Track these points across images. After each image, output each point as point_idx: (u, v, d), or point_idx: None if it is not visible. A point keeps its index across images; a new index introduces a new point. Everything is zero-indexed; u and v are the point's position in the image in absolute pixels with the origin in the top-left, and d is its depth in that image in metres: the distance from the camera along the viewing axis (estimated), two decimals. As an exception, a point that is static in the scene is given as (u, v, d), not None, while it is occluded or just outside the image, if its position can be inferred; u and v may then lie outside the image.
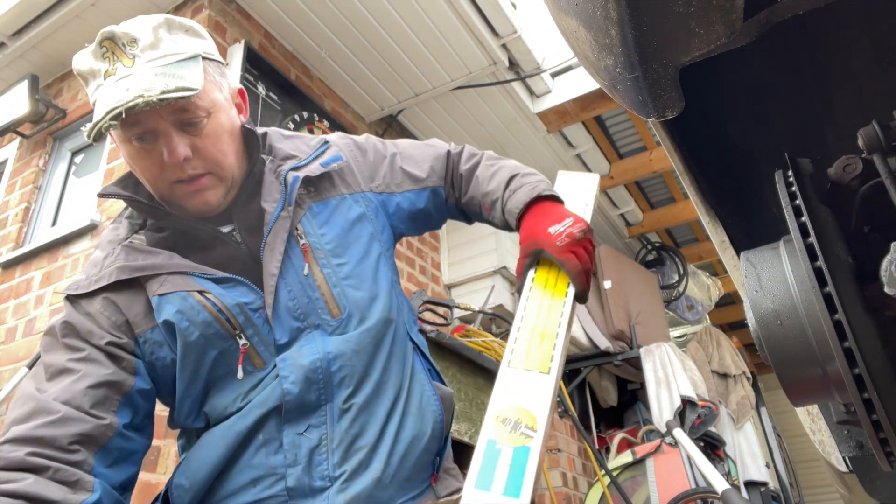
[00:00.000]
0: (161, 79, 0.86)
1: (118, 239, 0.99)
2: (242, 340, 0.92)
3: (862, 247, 0.67)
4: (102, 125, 0.84)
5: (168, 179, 0.92)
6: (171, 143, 0.89)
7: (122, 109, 0.83)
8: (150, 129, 0.89)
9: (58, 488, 0.80)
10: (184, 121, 0.90)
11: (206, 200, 0.94)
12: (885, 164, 0.63)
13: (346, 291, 0.98)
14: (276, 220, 0.96)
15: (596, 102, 3.87)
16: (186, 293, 0.92)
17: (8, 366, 2.70)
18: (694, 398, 3.82)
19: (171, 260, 0.94)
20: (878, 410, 0.58)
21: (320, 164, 1.04)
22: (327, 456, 0.91)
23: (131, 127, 0.88)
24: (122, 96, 0.84)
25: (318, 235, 0.99)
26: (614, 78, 0.66)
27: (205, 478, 0.92)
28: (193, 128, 0.91)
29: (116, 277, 0.93)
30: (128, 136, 0.90)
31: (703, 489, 3.14)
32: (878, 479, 0.91)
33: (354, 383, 0.94)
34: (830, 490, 6.75)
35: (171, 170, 0.91)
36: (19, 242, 3.10)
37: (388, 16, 3.17)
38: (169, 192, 0.94)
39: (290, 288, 0.94)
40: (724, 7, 0.57)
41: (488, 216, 1.11)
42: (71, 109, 3.30)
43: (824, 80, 0.88)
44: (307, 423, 0.91)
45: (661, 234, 5.70)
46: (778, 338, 0.67)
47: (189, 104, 0.90)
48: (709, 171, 0.90)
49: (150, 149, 0.90)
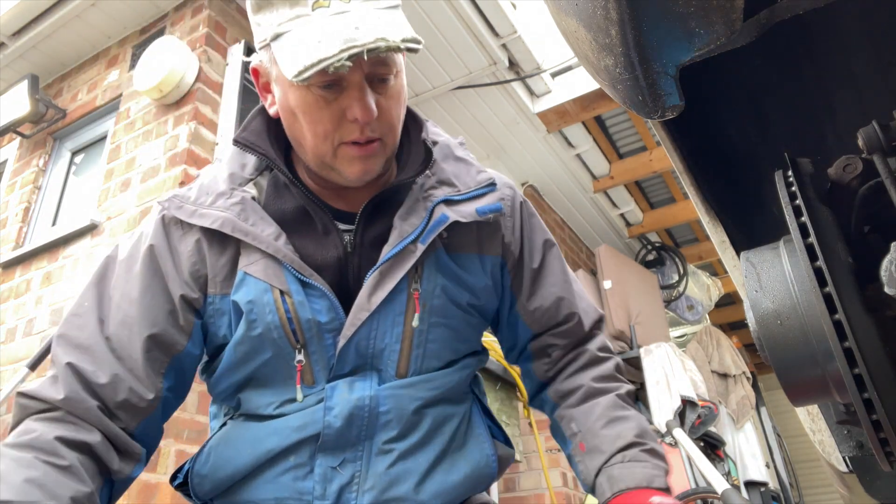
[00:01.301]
0: (387, 25, 0.77)
1: (242, 177, 0.90)
2: (300, 356, 0.85)
3: (862, 247, 0.67)
4: (334, 62, 0.73)
5: (340, 138, 0.82)
6: (364, 98, 0.79)
7: (364, 50, 0.73)
8: (343, 77, 0.79)
9: (116, 455, 0.80)
10: (378, 75, 0.81)
11: (370, 169, 0.85)
12: (885, 164, 0.63)
13: (424, 356, 0.89)
14: (401, 250, 0.85)
15: (596, 102, 3.87)
16: (268, 287, 0.84)
17: (8, 366, 2.70)
18: (694, 398, 3.82)
19: (276, 240, 0.85)
20: (878, 410, 0.58)
21: (476, 209, 0.91)
22: (357, 496, 0.85)
23: (328, 72, 0.76)
24: (354, 35, 0.74)
25: (433, 286, 0.88)
26: (614, 78, 0.66)
27: (226, 479, 0.89)
28: (383, 85, 0.82)
29: (220, 227, 0.84)
30: (314, 81, 0.78)
31: (703, 489, 3.14)
32: (878, 479, 0.91)
33: (400, 427, 0.87)
34: (830, 490, 6.75)
35: (350, 129, 0.81)
36: (19, 242, 3.10)
37: (388, 16, 3.17)
38: (333, 152, 0.83)
39: (374, 331, 0.86)
40: (724, 7, 0.57)
41: (570, 450, 0.96)
42: (71, 109, 3.30)
43: (824, 80, 0.88)
44: (342, 457, 0.86)
45: (661, 234, 5.69)
46: (778, 338, 0.67)
47: (389, 58, 0.81)
48: (709, 171, 0.90)
49: (333, 100, 0.80)
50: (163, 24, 3.09)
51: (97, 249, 2.70)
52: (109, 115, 3.17)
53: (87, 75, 3.34)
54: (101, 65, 3.30)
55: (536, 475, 3.74)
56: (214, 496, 0.92)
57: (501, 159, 4.38)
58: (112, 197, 2.80)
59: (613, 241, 5.43)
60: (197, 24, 2.92)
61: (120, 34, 3.25)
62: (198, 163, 2.61)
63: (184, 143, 2.62)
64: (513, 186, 1.02)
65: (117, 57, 3.24)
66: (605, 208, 5.08)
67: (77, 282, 2.69)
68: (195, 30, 2.91)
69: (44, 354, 2.16)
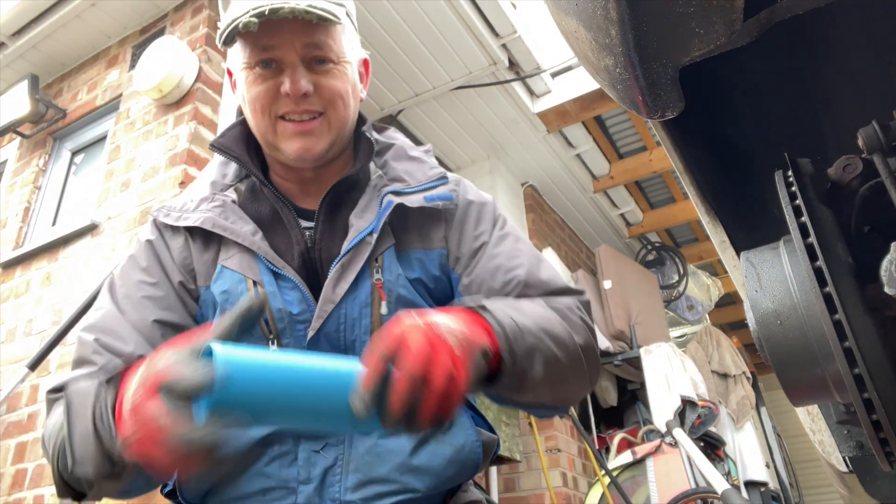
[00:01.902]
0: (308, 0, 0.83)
1: (223, 184, 0.98)
2: (274, 347, 0.88)
3: (862, 247, 0.67)
4: (241, 20, 0.81)
5: (277, 111, 0.88)
6: (295, 74, 0.86)
7: (267, 9, 0.80)
8: (278, 57, 0.86)
9: None
10: (314, 57, 0.88)
11: (310, 147, 0.89)
12: (885, 164, 0.63)
13: None
14: (357, 243, 0.89)
15: (596, 102, 3.87)
16: (243, 278, 0.89)
17: (8, 366, 2.70)
18: (694, 398, 3.82)
19: (252, 235, 0.90)
20: (878, 410, 0.58)
21: (424, 197, 0.94)
22: (341, 478, 0.86)
23: (261, 50, 0.86)
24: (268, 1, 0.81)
25: (396, 276, 0.91)
26: (614, 78, 0.66)
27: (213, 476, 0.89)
28: (321, 66, 0.88)
29: (201, 224, 0.91)
30: (251, 61, 0.87)
31: (703, 489, 3.14)
32: (878, 479, 0.91)
33: None
34: (830, 490, 6.75)
35: (284, 102, 0.87)
36: (19, 242, 3.10)
37: (388, 15, 3.17)
38: (273, 128, 0.89)
39: (342, 321, 0.88)
40: (724, 7, 0.57)
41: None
42: (71, 109, 3.30)
43: (824, 80, 0.88)
44: (324, 441, 0.87)
45: (661, 234, 5.70)
46: (778, 338, 0.67)
47: (323, 42, 0.87)
48: (709, 171, 0.90)
49: (270, 77, 0.87)
50: (163, 24, 3.09)
51: (97, 249, 2.70)
52: (109, 115, 3.17)
53: (87, 75, 3.34)
54: (101, 65, 3.30)
55: (536, 475, 3.74)
56: (204, 497, 0.91)
57: (501, 159, 4.38)
58: (112, 197, 2.80)
59: (613, 241, 5.44)
60: (197, 24, 2.92)
61: (120, 34, 3.25)
62: (198, 163, 2.61)
63: (184, 143, 2.62)
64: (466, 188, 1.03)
65: (117, 57, 3.24)
66: (605, 208, 5.08)
67: (77, 282, 2.69)
68: (195, 30, 2.91)
69: (44, 354, 2.17)
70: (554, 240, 4.80)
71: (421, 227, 0.96)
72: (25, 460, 2.40)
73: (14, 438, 2.49)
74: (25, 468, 2.38)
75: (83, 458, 0.70)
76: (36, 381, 2.54)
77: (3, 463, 2.47)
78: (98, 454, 0.70)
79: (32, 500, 2.28)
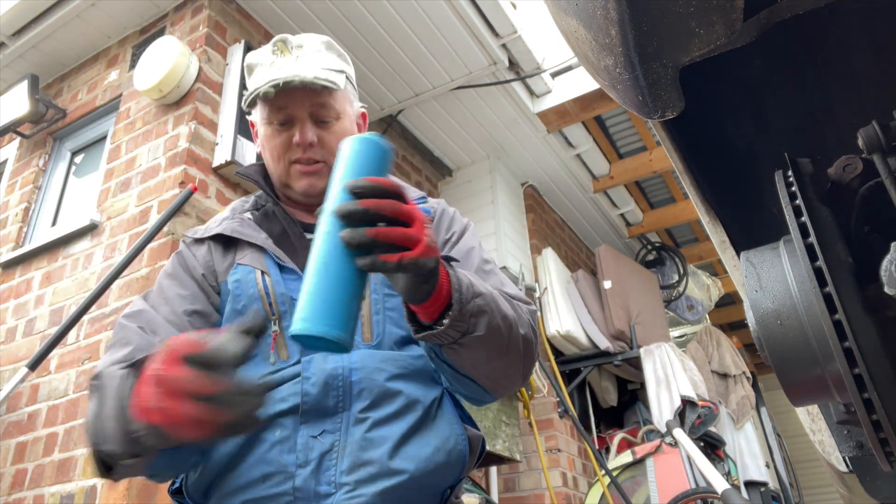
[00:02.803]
0: (314, 72, 1.06)
1: (241, 209, 1.17)
2: (275, 327, 1.00)
3: (862, 247, 0.67)
4: (262, 90, 1.04)
5: (290, 158, 1.10)
6: (304, 128, 1.08)
7: (281, 81, 1.03)
8: (290, 115, 1.08)
9: None
10: (319, 116, 1.09)
11: (314, 184, 1.10)
12: (885, 164, 0.63)
13: (385, 322, 1.02)
14: None
15: (596, 102, 3.87)
16: (252, 269, 1.04)
17: (8, 366, 2.70)
18: (694, 398, 3.82)
19: (264, 240, 1.08)
20: (878, 410, 0.58)
21: None
22: (336, 462, 0.92)
23: (278, 111, 1.08)
24: (283, 74, 1.04)
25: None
26: (614, 78, 0.66)
27: (218, 464, 0.94)
28: (324, 124, 1.10)
29: (222, 231, 1.09)
30: (271, 118, 1.09)
31: (703, 489, 3.14)
32: (878, 479, 0.91)
33: (373, 397, 0.96)
34: (830, 490, 6.76)
35: (295, 150, 1.09)
36: (19, 242, 3.10)
37: (388, 15, 3.17)
38: (286, 170, 1.11)
39: None
40: (724, 7, 0.57)
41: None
42: (71, 109, 3.30)
43: (824, 80, 0.88)
44: (322, 428, 0.94)
45: (661, 234, 5.70)
46: (778, 338, 0.67)
47: (327, 102, 1.08)
48: (709, 171, 0.90)
49: (285, 131, 1.09)
50: (163, 24, 3.09)
51: (97, 249, 2.70)
52: (109, 115, 3.17)
53: (87, 75, 3.34)
54: (101, 65, 3.30)
55: (536, 475, 3.74)
56: (208, 489, 0.95)
57: (501, 159, 4.38)
58: (112, 197, 2.80)
59: (613, 241, 5.44)
60: (197, 24, 2.92)
61: (120, 34, 3.25)
62: (198, 163, 2.61)
63: (184, 143, 2.62)
64: (444, 205, 1.20)
65: (117, 57, 3.24)
66: (605, 208, 5.08)
67: (77, 282, 2.69)
68: (195, 30, 2.91)
69: (44, 354, 2.17)
70: (554, 240, 4.80)
71: None
72: (25, 460, 2.40)
73: (14, 438, 2.49)
74: (25, 468, 2.38)
75: (109, 437, 0.79)
76: (36, 381, 2.54)
77: (3, 463, 2.47)
78: (120, 433, 0.77)
79: (32, 500, 2.28)
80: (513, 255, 4.09)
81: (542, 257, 4.36)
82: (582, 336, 4.14)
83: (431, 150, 4.27)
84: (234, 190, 2.72)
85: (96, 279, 2.58)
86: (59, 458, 2.30)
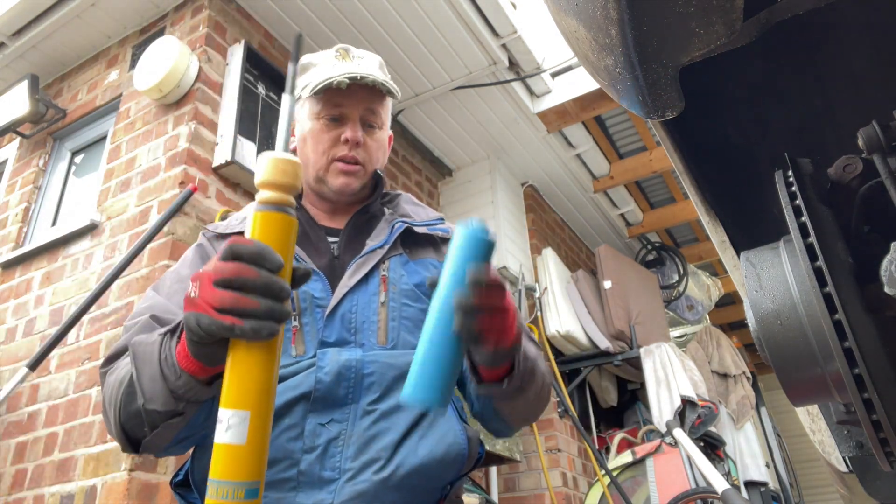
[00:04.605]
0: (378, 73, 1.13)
1: None
2: (295, 323, 1.03)
3: (862, 247, 0.67)
4: (336, 79, 1.08)
5: (334, 154, 1.13)
6: (355, 126, 1.13)
7: (359, 75, 1.08)
8: (343, 113, 1.12)
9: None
10: (368, 120, 1.15)
11: (349, 183, 1.14)
12: (885, 164, 0.63)
13: (400, 329, 1.07)
14: (372, 250, 1.11)
15: (596, 102, 3.87)
16: None
17: (8, 366, 2.70)
18: (694, 398, 3.82)
19: None
20: (878, 410, 0.58)
21: (427, 227, 1.19)
22: (342, 448, 0.95)
23: (333, 107, 1.12)
24: (354, 70, 1.10)
25: (400, 275, 1.11)
26: (614, 78, 0.66)
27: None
28: (370, 129, 1.16)
29: (240, 229, 1.11)
30: (322, 114, 1.13)
31: (703, 489, 3.14)
32: (878, 479, 0.91)
33: (382, 390, 1.00)
34: (830, 490, 6.76)
35: (341, 148, 1.13)
36: (19, 242, 3.10)
37: (388, 15, 3.17)
38: (326, 166, 1.14)
39: (354, 303, 1.06)
40: (724, 7, 0.57)
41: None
42: (71, 109, 3.30)
43: (824, 80, 0.88)
44: (331, 417, 0.97)
45: (661, 234, 5.70)
46: (778, 338, 0.67)
47: (378, 108, 1.15)
48: (709, 171, 0.90)
49: (334, 129, 1.13)
50: (163, 24, 3.09)
51: (97, 249, 2.70)
52: (109, 115, 3.17)
53: (87, 75, 3.34)
54: (101, 65, 3.30)
55: (536, 475, 3.74)
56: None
57: (501, 159, 4.38)
58: (112, 197, 2.80)
59: (613, 241, 5.44)
60: (197, 24, 2.92)
61: (120, 34, 3.25)
62: (198, 163, 2.61)
63: (184, 143, 2.62)
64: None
65: (117, 57, 3.24)
66: (605, 208, 5.08)
67: (77, 282, 2.69)
68: (195, 30, 2.91)
69: (44, 354, 2.17)
70: (554, 240, 4.80)
71: (432, 246, 1.20)
72: (25, 460, 2.40)
73: (14, 438, 2.49)
74: (25, 468, 2.38)
75: (152, 397, 0.82)
76: (36, 381, 2.54)
77: (3, 463, 2.47)
78: (165, 391, 0.81)
79: (32, 500, 2.28)
80: (513, 255, 4.09)
81: (542, 257, 4.36)
82: (582, 336, 4.14)
83: (431, 150, 4.27)
84: (234, 190, 2.72)
85: (96, 279, 2.58)
86: (58, 458, 2.30)
